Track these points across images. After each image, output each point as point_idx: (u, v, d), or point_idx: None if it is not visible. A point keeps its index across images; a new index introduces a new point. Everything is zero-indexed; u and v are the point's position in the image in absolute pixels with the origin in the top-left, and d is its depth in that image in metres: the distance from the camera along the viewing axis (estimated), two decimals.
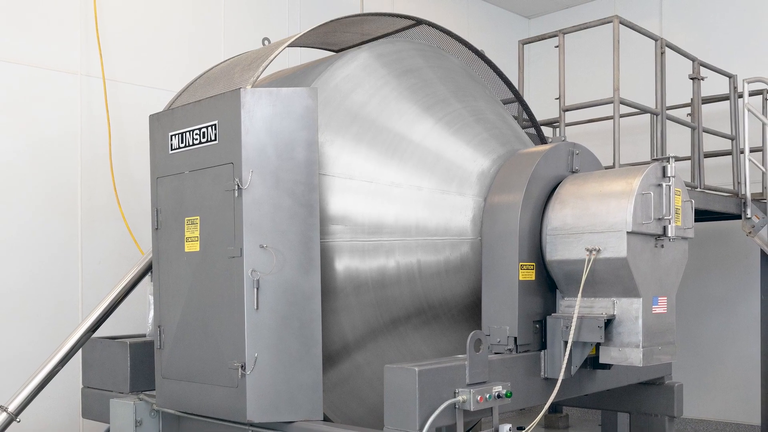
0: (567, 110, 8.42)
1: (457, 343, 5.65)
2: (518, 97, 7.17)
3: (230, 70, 5.89)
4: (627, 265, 5.05)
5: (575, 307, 5.26)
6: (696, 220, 11.12)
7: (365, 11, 10.71)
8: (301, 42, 6.53)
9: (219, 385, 5.12)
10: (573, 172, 5.72)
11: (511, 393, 4.78)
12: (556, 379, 5.28)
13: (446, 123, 5.71)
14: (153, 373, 6.10)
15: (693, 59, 9.09)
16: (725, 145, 10.77)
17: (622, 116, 8.68)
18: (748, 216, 9.43)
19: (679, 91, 11.33)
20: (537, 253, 5.42)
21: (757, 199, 9.71)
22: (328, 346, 5.36)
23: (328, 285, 5.30)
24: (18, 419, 5.96)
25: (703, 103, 9.74)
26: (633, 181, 5.16)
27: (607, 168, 6.02)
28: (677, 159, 5.39)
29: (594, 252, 5.15)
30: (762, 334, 10.34)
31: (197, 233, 5.28)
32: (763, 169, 9.41)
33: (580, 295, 5.26)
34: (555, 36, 8.54)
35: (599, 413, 12.29)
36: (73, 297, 7.85)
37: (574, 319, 5.18)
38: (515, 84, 9.79)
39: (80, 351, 6.71)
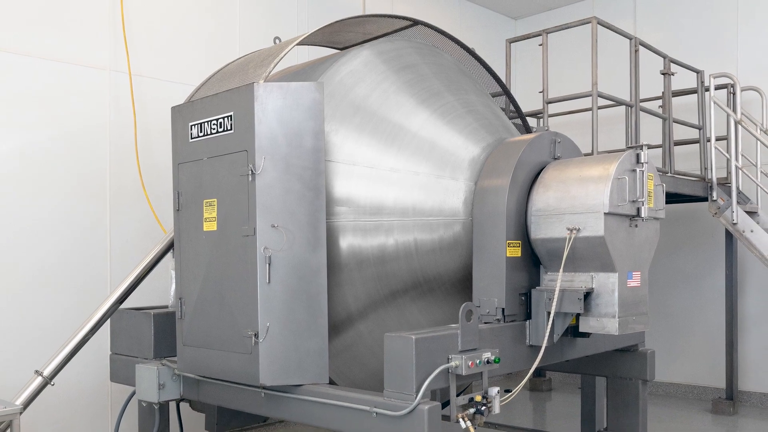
0: (550, 102, 8.41)
1: (450, 314, 5.65)
2: (505, 91, 7.15)
3: (245, 66, 5.87)
4: (604, 243, 5.04)
5: (557, 281, 5.27)
6: (667, 202, 11.15)
7: (367, 13, 10.68)
8: (308, 41, 6.50)
9: (234, 351, 5.12)
10: (555, 159, 5.70)
11: (499, 359, 4.78)
12: (540, 346, 5.29)
13: (440, 114, 5.69)
14: (175, 341, 6.10)
15: (664, 56, 9.07)
16: (693, 134, 10.77)
17: (599, 108, 8.66)
18: (714, 198, 9.44)
19: (652, 85, 11.33)
20: (522, 232, 5.41)
21: (722, 183, 9.71)
22: (333, 317, 5.36)
23: (334, 261, 5.29)
24: (52, 383, 5.97)
25: (673, 96, 9.75)
26: (609, 167, 5.14)
27: (586, 155, 6.00)
28: (650, 147, 5.39)
29: (574, 231, 5.14)
30: (726, 305, 10.38)
31: (215, 214, 5.27)
32: (728, 156, 9.40)
33: (561, 270, 5.26)
34: (539, 35, 8.51)
35: (579, 377, 12.32)
36: (101, 272, 7.85)
37: (556, 292, 5.18)
38: (503, 79, 9.75)
39: (109, 321, 6.70)
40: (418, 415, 4.35)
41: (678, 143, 10.07)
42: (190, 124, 5.52)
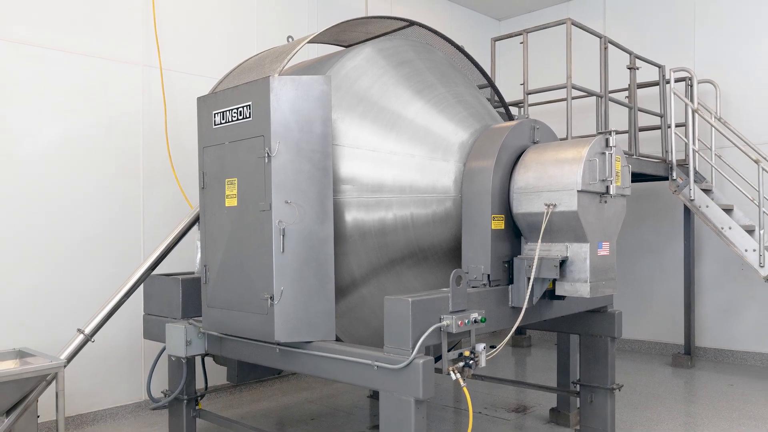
0: (530, 93, 8.37)
1: (442, 279, 5.65)
2: (491, 83, 7.11)
3: (261, 61, 5.84)
4: (577, 216, 5.02)
5: (536, 250, 5.26)
6: (632, 181, 11.21)
7: (369, 15, 10.63)
8: (317, 39, 6.46)
9: (252, 312, 5.12)
10: (534, 143, 5.67)
11: (485, 318, 4.77)
12: (521, 308, 5.29)
13: (433, 104, 5.66)
14: (200, 303, 6.10)
15: (630, 53, 9.03)
16: (655, 121, 10.77)
17: (573, 98, 8.63)
18: (674, 178, 9.43)
19: (619, 78, 11.34)
20: (506, 207, 5.39)
21: (681, 164, 9.71)
22: (339, 282, 5.36)
23: (339, 233, 5.28)
24: (92, 340, 5.97)
25: (638, 88, 9.72)
26: (582, 150, 5.12)
27: (561, 140, 5.98)
28: (617, 132, 5.39)
29: (551, 206, 5.13)
30: (684, 271, 10.42)
31: (235, 191, 5.25)
32: (686, 141, 9.38)
33: (540, 240, 5.25)
34: (520, 34, 8.47)
35: (555, 335, 12.39)
36: (136, 242, 7.84)
37: (535, 260, 5.18)
38: (488, 72, 9.71)
39: (142, 285, 6.70)
40: (414, 368, 4.35)
41: (642, 129, 10.06)
42: (214, 112, 5.49)
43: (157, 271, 7.69)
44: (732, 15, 10.54)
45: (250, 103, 5.14)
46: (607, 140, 5.26)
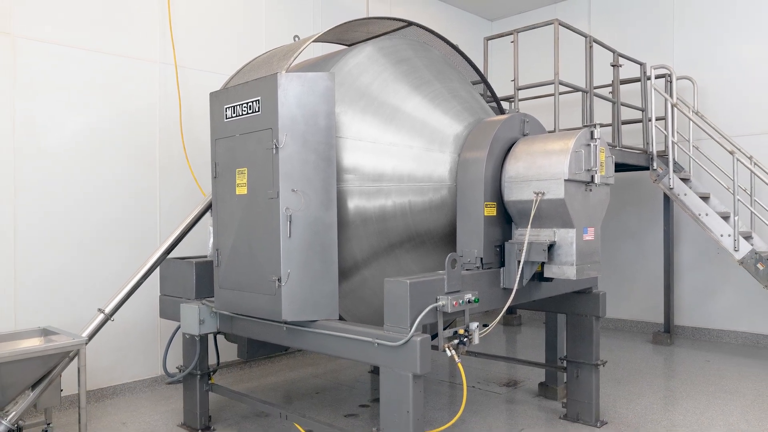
0: (520, 89, 8.34)
1: (438, 262, 5.65)
2: (483, 80, 7.09)
3: (270, 59, 5.82)
4: (564, 204, 5.02)
5: (526, 235, 5.25)
6: (615, 171, 11.21)
7: (370, 16, 10.60)
8: (322, 38, 6.44)
9: (261, 293, 5.12)
10: (524, 135, 5.66)
11: (478, 299, 4.77)
12: (512, 289, 5.29)
13: (430, 99, 5.65)
14: (212, 284, 6.11)
15: (613, 51, 9.00)
16: (637, 115, 10.76)
17: (560, 94, 8.62)
18: (655, 168, 9.41)
19: (603, 74, 11.31)
20: (497, 195, 5.39)
21: (661, 155, 9.70)
22: (342, 264, 5.36)
23: (343, 219, 5.28)
24: (112, 319, 5.98)
25: (621, 84, 9.71)
26: (569, 142, 5.11)
27: (549, 132, 5.97)
28: (602, 125, 5.37)
29: (540, 194, 5.12)
30: (664, 255, 10.43)
31: (245, 180, 5.25)
32: (666, 133, 9.37)
33: (529, 226, 5.25)
34: (511, 34, 8.44)
35: (544, 314, 12.40)
36: (152, 228, 7.83)
37: (525, 244, 5.18)
38: (481, 70, 9.67)
39: (158, 268, 6.70)
40: (412, 345, 4.35)
41: (625, 123, 10.06)
42: (225, 106, 5.48)
43: (173, 254, 7.71)
44: (708, 17, 10.51)
45: (259, 98, 5.13)
46: (592, 133, 5.25)
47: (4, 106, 6.66)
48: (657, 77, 9.93)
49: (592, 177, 5.25)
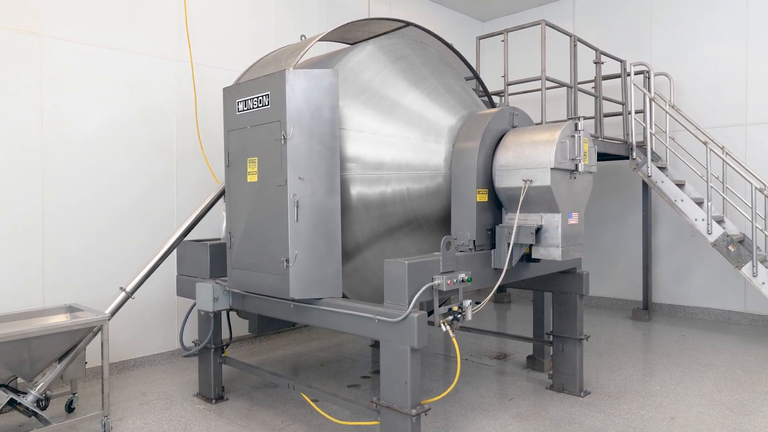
0: (510, 84, 8.32)
1: (434, 245, 5.65)
2: (476, 76, 7.06)
3: (278, 56, 5.80)
4: (550, 191, 5.01)
5: (515, 219, 5.26)
6: (598, 160, 11.19)
7: (371, 16, 10.56)
8: (326, 38, 6.42)
9: (271, 273, 5.12)
10: (513, 127, 5.65)
11: (471, 278, 4.77)
12: (502, 269, 5.30)
13: (426, 93, 5.63)
14: (225, 265, 6.10)
15: (596, 49, 8.97)
16: (618, 108, 10.73)
17: (547, 89, 8.59)
18: (634, 157, 9.40)
19: (587, 71, 11.28)
20: (489, 182, 5.38)
21: (640, 145, 9.68)
22: (345, 246, 5.36)
23: (346, 204, 5.28)
24: (133, 297, 6.00)
25: (603, 80, 9.68)
26: (555, 133, 5.10)
27: (537, 124, 5.96)
28: (585, 118, 5.37)
29: (528, 182, 5.11)
30: (643, 238, 10.45)
31: (256, 169, 5.24)
32: (644, 125, 9.35)
33: (518, 211, 5.25)
34: (501, 33, 8.40)
35: (532, 292, 12.43)
36: (170, 213, 7.83)
37: (514, 228, 5.18)
38: (474, 66, 9.64)
39: (176, 250, 6.70)
40: (410, 321, 4.36)
41: (606, 115, 10.03)
42: (237, 100, 5.47)
43: (189, 237, 7.71)
44: (684, 18, 10.46)
45: (268, 92, 5.11)
46: (576, 125, 5.24)
47: (33, 100, 6.64)
48: (636, 73, 9.92)
49: (576, 166, 5.24)
